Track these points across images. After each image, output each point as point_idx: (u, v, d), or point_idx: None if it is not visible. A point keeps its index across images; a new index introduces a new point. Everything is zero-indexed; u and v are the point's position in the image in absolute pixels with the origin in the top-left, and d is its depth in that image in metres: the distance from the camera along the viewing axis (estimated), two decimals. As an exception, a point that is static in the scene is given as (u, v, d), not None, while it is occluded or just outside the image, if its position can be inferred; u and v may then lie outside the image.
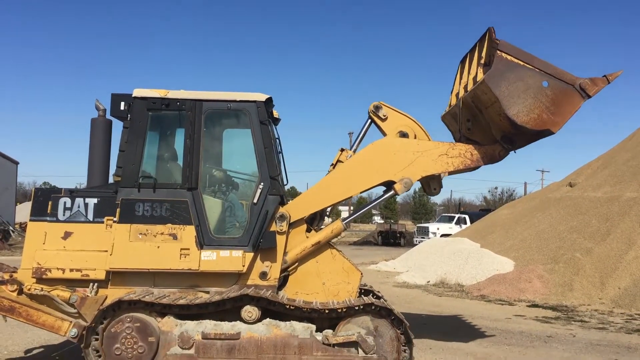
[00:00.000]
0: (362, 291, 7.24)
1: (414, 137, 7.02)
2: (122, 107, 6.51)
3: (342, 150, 7.35)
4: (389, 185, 6.81)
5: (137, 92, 6.46)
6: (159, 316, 5.93)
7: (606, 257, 14.36)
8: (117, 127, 6.73)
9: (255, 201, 6.36)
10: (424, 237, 33.45)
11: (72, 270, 6.19)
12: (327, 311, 6.00)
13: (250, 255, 6.27)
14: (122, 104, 6.51)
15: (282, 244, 6.43)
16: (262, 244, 6.29)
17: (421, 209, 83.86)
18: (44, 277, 6.19)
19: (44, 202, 6.38)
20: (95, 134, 6.89)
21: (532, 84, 6.32)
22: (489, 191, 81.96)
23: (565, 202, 19.10)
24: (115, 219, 6.23)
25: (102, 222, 6.31)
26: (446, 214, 45.70)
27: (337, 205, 7.38)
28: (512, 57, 6.34)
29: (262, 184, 6.38)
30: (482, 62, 6.70)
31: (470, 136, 6.95)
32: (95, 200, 6.38)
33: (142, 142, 6.40)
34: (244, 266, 6.23)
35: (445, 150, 6.78)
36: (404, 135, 7.02)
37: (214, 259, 6.18)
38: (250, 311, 5.93)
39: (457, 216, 38.08)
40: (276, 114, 7.26)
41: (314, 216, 6.99)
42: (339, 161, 7.25)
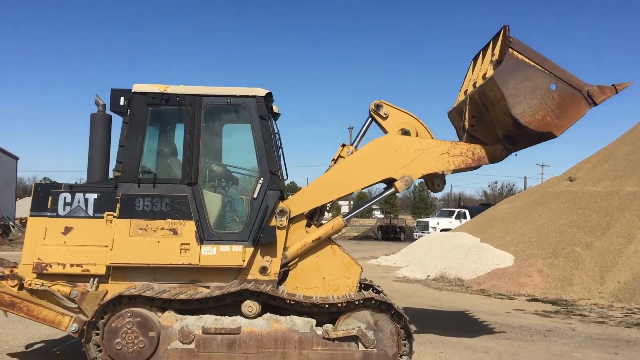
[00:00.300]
0: (362, 286, 7.25)
1: (415, 134, 7.02)
2: (121, 103, 6.51)
3: (343, 145, 7.35)
4: (389, 182, 6.81)
5: (137, 87, 6.46)
6: (159, 311, 5.95)
7: (606, 251, 14.38)
8: (117, 122, 6.73)
9: (255, 196, 6.37)
10: (424, 232, 33.48)
11: (72, 265, 6.20)
12: (327, 306, 6.01)
13: (250, 250, 6.28)
14: (122, 99, 6.50)
15: (282, 239, 6.43)
16: (262, 238, 6.30)
17: (421, 203, 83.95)
18: (45, 272, 6.20)
19: (44, 197, 6.38)
20: (95, 130, 6.88)
21: (540, 85, 6.30)
22: (489, 186, 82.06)
23: (565, 197, 19.12)
24: (115, 214, 6.24)
25: (102, 218, 6.31)
26: (446, 209, 45.64)
27: (337, 200, 7.39)
28: (523, 56, 6.31)
29: (262, 179, 6.39)
30: (494, 59, 6.68)
31: (473, 133, 6.93)
32: (95, 195, 6.38)
33: (142, 137, 6.40)
34: (244, 261, 6.24)
35: (446, 148, 6.77)
36: (405, 132, 7.03)
37: (214, 254, 6.19)
38: (250, 306, 5.94)
39: (457, 211, 38.10)
40: (276, 108, 7.25)
41: (314, 211, 6.99)
42: (340, 156, 7.25)
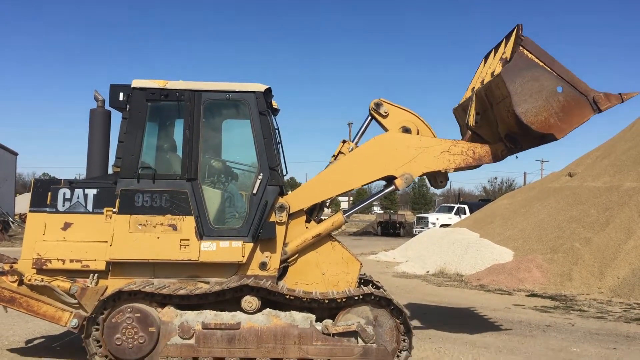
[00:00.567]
0: (362, 281, 7.27)
1: (416, 132, 7.04)
2: (121, 98, 6.51)
3: (343, 141, 7.37)
4: (389, 179, 6.81)
5: (136, 83, 6.45)
6: (159, 306, 5.95)
7: (605, 246, 14.39)
8: (117, 117, 6.73)
9: (254, 192, 6.37)
10: (423, 228, 33.47)
11: (72, 261, 6.21)
12: (326, 301, 6.02)
13: (250, 245, 6.28)
14: (121, 94, 6.50)
15: (282, 235, 6.44)
16: (261, 234, 6.30)
17: (420, 199, 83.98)
18: (44, 267, 6.21)
19: (44, 193, 6.38)
20: (94, 125, 6.88)
21: (547, 87, 6.30)
22: (489, 181, 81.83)
23: (564, 192, 19.12)
24: (114, 210, 6.24)
25: (102, 213, 6.32)
26: (445, 204, 45.63)
27: (337, 197, 7.38)
28: (533, 55, 6.31)
29: (261, 174, 6.39)
30: (504, 57, 6.68)
31: (476, 130, 6.92)
32: (94, 191, 6.38)
33: (141, 132, 6.40)
34: (243, 256, 6.24)
35: (447, 147, 6.76)
36: (406, 130, 7.04)
37: (213, 250, 6.19)
38: (250, 301, 5.95)
39: (456, 206, 38.04)
40: (275, 104, 7.24)
41: (313, 207, 6.99)
42: (340, 152, 7.27)
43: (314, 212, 7.06)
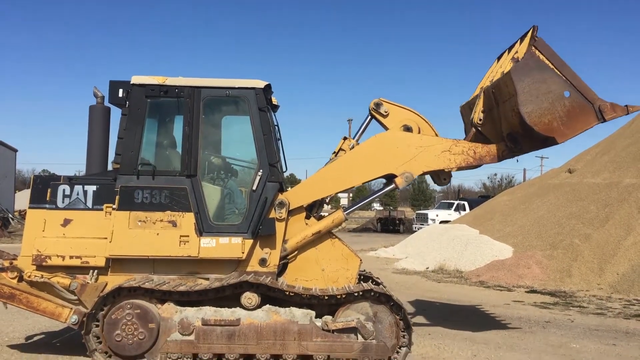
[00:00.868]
0: (362, 277, 7.27)
1: (418, 131, 7.03)
2: (120, 94, 6.50)
3: (344, 138, 7.38)
4: (389, 178, 6.81)
5: (136, 79, 6.44)
6: (159, 303, 5.96)
7: (605, 243, 14.40)
8: (116, 114, 6.72)
9: (254, 188, 6.37)
10: (423, 224, 33.47)
11: (71, 257, 6.21)
12: (326, 297, 6.02)
13: (249, 242, 6.29)
14: (121, 91, 6.50)
15: (282, 231, 6.44)
16: (261, 230, 6.31)
17: (420, 195, 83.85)
18: (44, 264, 6.21)
19: (43, 189, 6.38)
20: (93, 122, 6.87)
21: (554, 90, 6.29)
22: (488, 177, 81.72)
23: (564, 189, 19.12)
24: (114, 206, 6.24)
25: (101, 210, 6.32)
26: (445, 201, 45.61)
27: (337, 194, 7.39)
28: (544, 57, 6.32)
29: (261, 171, 6.38)
30: (516, 56, 6.68)
31: (480, 127, 6.93)
32: (94, 187, 6.38)
33: (141, 129, 6.40)
34: (243, 253, 6.24)
35: (448, 146, 6.76)
36: (407, 129, 7.05)
37: (213, 246, 6.20)
38: (249, 297, 5.95)
39: (456, 203, 38.06)
40: (275, 100, 7.24)
41: (313, 203, 6.99)
42: (341, 149, 7.29)
43: (313, 209, 7.06)
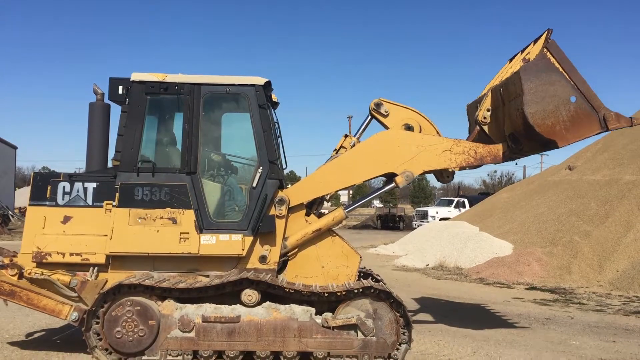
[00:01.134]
0: (362, 274, 7.28)
1: (419, 130, 7.04)
2: (120, 91, 6.50)
3: (346, 136, 7.38)
4: (390, 176, 6.81)
5: (135, 76, 6.43)
6: (159, 300, 5.96)
7: (604, 240, 14.41)
8: (116, 111, 6.71)
9: (254, 185, 6.36)
10: (423, 221, 33.51)
11: (72, 254, 6.22)
12: (326, 294, 6.03)
13: (249, 239, 6.29)
14: (121, 88, 6.49)
15: (282, 228, 6.45)
16: (261, 227, 6.31)
17: (420, 192, 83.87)
18: (44, 261, 6.21)
19: (43, 186, 6.38)
20: (93, 119, 6.87)
21: (561, 93, 6.30)
22: (488, 174, 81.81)
23: (564, 186, 19.13)
24: (114, 203, 6.24)
25: (102, 207, 6.32)
26: (445, 198, 45.67)
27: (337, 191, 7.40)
28: (555, 60, 6.33)
29: (261, 168, 6.38)
30: (528, 57, 6.68)
31: (483, 125, 6.94)
32: (94, 184, 6.39)
33: (141, 126, 6.39)
34: (243, 250, 6.25)
35: (449, 146, 6.75)
36: (409, 128, 7.05)
37: (213, 243, 6.20)
38: (250, 294, 5.96)
39: (456, 200, 38.07)
40: (275, 97, 7.24)
41: (313, 200, 7.00)
42: (342, 147, 7.30)
43: (313, 206, 7.06)
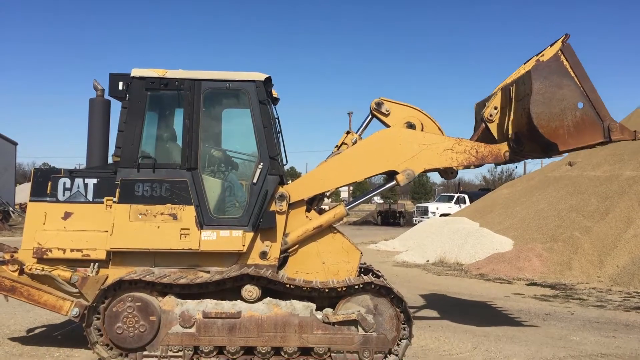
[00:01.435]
0: (362, 270, 7.28)
1: (421, 128, 7.04)
2: (120, 87, 6.49)
3: (347, 132, 7.38)
4: (391, 174, 6.81)
5: (136, 72, 6.42)
6: (159, 295, 5.97)
7: (605, 235, 14.42)
8: (116, 107, 6.70)
9: (254, 181, 6.36)
10: (423, 217, 33.51)
11: (72, 250, 6.22)
12: (327, 290, 6.03)
13: (250, 235, 6.29)
14: (121, 83, 6.48)
15: (282, 224, 6.44)
16: (261, 223, 6.30)
17: (420, 188, 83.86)
18: (45, 257, 6.22)
19: (44, 182, 6.38)
20: (94, 115, 6.86)
21: (569, 98, 6.29)
22: (489, 170, 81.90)
23: (564, 181, 19.13)
24: (114, 199, 6.24)
25: (102, 203, 6.31)
26: (445, 194, 45.64)
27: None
28: (568, 64, 6.32)
29: (261, 164, 6.38)
30: (541, 59, 6.66)
31: (489, 121, 6.94)
32: (94, 180, 6.38)
33: (141, 122, 6.38)
34: (244, 246, 6.25)
35: (451, 145, 6.73)
36: (410, 126, 7.05)
37: (214, 239, 6.20)
38: (250, 290, 5.96)
39: (456, 196, 38.10)
40: (275, 93, 7.22)
41: (314, 197, 6.99)
42: (343, 143, 7.30)
43: (314, 202, 7.06)
